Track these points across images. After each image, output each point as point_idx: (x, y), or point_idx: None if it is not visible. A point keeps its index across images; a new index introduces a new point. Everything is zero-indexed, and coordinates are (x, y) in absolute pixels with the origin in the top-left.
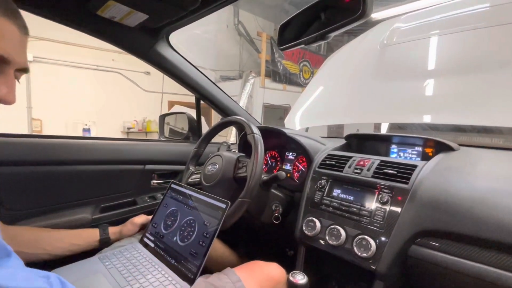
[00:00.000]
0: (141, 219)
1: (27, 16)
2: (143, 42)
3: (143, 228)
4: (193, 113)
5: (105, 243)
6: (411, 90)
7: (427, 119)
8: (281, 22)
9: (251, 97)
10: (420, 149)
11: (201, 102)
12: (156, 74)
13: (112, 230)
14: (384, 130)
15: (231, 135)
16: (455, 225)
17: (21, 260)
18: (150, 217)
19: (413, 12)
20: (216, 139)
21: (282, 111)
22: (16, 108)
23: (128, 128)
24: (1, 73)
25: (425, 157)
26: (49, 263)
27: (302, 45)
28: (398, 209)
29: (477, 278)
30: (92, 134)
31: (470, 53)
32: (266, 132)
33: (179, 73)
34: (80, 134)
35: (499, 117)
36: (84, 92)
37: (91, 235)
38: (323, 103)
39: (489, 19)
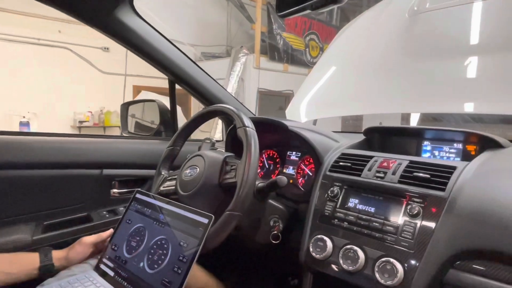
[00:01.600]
0: (93, 238)
1: None
2: (99, 6)
3: (98, 251)
4: (166, 101)
5: (47, 271)
6: (448, 71)
7: (469, 108)
8: None
9: (242, 80)
10: (460, 146)
11: (177, 86)
12: (117, 50)
13: (57, 255)
14: (414, 122)
15: (216, 129)
16: (506, 244)
17: None
18: (108, 235)
19: None
20: (197, 135)
21: (282, 99)
22: None
23: (81, 122)
24: None
25: (467, 157)
26: None
27: (308, 11)
28: (432, 224)
29: None
30: (32, 130)
31: None
32: (262, 125)
33: (147, 48)
34: (17, 129)
35: None
36: (21, 74)
37: (29, 261)
38: (335, 89)
39: None
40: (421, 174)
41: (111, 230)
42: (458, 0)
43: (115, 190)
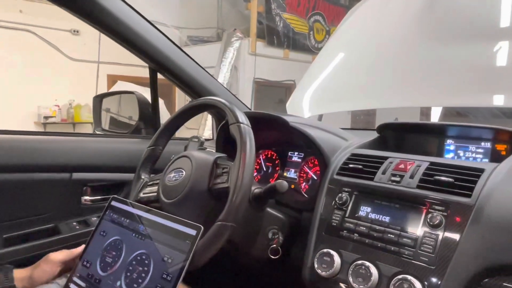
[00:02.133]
0: (62, 254)
1: None
2: None
3: (67, 269)
4: (146, 93)
5: None
6: (476, 58)
7: (499, 100)
8: None
9: (235, 69)
10: (488, 145)
11: (159, 76)
12: (89, 33)
13: (19, 275)
14: (435, 118)
15: (205, 126)
16: None
17: None
18: (79, 250)
19: None
20: (183, 133)
21: (283, 91)
22: None
23: (46, 118)
24: None
25: (497, 158)
26: None
27: None
28: (457, 236)
29: None
30: None
31: None
32: (259, 122)
33: (124, 31)
34: None
35: None
36: None
37: None
38: (344, 79)
39: None
40: (443, 178)
41: (83, 246)
42: None
43: (86, 198)
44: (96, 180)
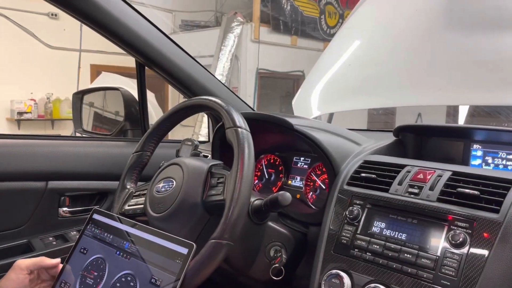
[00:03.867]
0: (31, 261)
1: None
2: None
3: (39, 281)
4: (132, 89)
5: None
6: (508, 50)
7: None
8: None
9: (236, 58)
10: None
11: (147, 70)
12: (70, 18)
13: None
14: (461, 120)
15: (201, 123)
16: None
17: None
18: (52, 263)
19: None
20: (177, 131)
21: (290, 83)
22: None
23: (20, 114)
24: None
25: None
26: None
27: None
28: (483, 256)
29: None
30: None
31: None
32: (260, 124)
33: (107, 19)
34: None
35: None
36: None
37: None
38: (359, 71)
39: None
40: (467, 190)
41: (57, 260)
42: None
43: (65, 209)
44: (75, 189)
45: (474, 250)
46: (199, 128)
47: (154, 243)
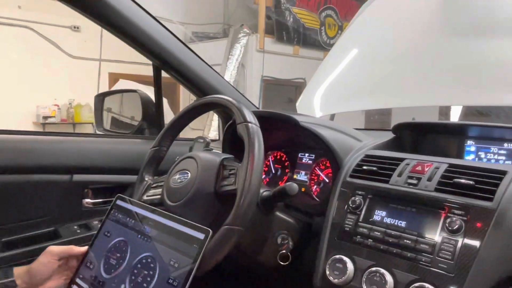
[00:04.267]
0: (62, 248)
1: None
2: None
3: (67, 267)
4: (150, 92)
5: None
6: (498, 53)
7: None
8: None
9: (242, 66)
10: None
11: (163, 74)
12: (90, 29)
13: (18, 271)
14: (455, 117)
15: (210, 127)
16: None
17: None
18: (80, 249)
19: None
20: (187, 134)
21: (292, 89)
22: None
23: (45, 118)
24: None
25: None
26: None
27: None
28: (477, 242)
29: None
30: None
31: None
32: (268, 121)
33: (127, 26)
34: None
35: None
36: None
37: None
38: (357, 76)
39: None
40: (463, 181)
41: (86, 248)
42: None
43: (88, 200)
44: (97, 182)
45: (469, 236)
46: (208, 131)
47: (173, 228)
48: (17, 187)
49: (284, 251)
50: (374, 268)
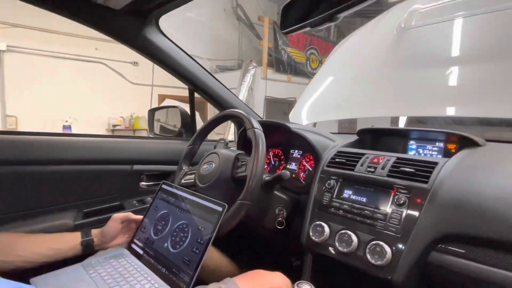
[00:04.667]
0: (122, 215)
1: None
2: (130, 26)
3: (127, 228)
4: (186, 107)
5: (87, 246)
6: (432, 80)
7: (450, 111)
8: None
9: (251, 89)
10: (441, 145)
11: (195, 95)
12: (145, 64)
13: (95, 232)
14: (402, 124)
15: (229, 132)
16: (480, 229)
17: None
18: (135, 217)
19: None
20: (212, 136)
21: (286, 106)
22: None
23: (114, 126)
24: None
25: (448, 154)
26: (27, 273)
27: (308, 28)
28: (417, 212)
29: (502, 287)
30: (73, 132)
31: (500, 37)
32: (269, 127)
33: (171, 62)
34: (60, 131)
35: None
36: (64, 85)
37: (73, 239)
38: (333, 96)
39: None
40: (407, 169)
41: (140, 216)
42: (439, 19)
43: (143, 183)
44: (149, 170)
45: (411, 208)
46: (227, 134)
47: (200, 203)
48: (96, 174)
49: (280, 218)
50: (343, 231)
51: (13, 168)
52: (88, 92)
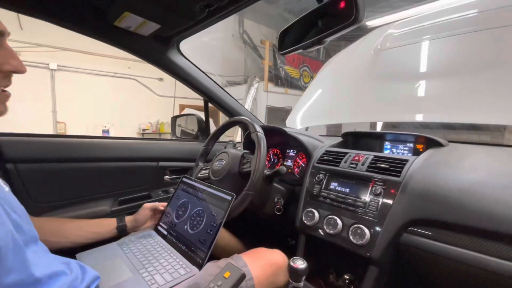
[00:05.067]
0: (151, 204)
1: (52, 27)
2: (156, 49)
3: (154, 215)
4: (202, 115)
5: (122, 230)
6: (403, 91)
7: (419, 117)
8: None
9: (255, 100)
10: (411, 145)
11: (209, 104)
12: (168, 80)
13: (128, 218)
14: (379, 128)
15: (236, 134)
16: (443, 214)
17: (45, 247)
18: (160, 204)
19: (405, 19)
20: (223, 138)
21: (284, 113)
22: (43, 112)
23: (143, 130)
24: (1, 47)
25: (416, 153)
26: (72, 251)
27: (301, 50)
28: (391, 201)
29: (460, 262)
30: (111, 135)
31: (458, 56)
32: (269, 131)
33: (189, 78)
34: (100, 135)
35: (485, 115)
36: (103, 97)
37: (110, 224)
38: (322, 105)
39: (476, 24)
40: (382, 165)
41: (165, 203)
42: (409, 41)
43: (167, 177)
44: (172, 166)
45: (386, 197)
46: (236, 136)
47: (213, 193)
48: (128, 169)
49: (278, 206)
50: (330, 216)
51: (63, 165)
52: (123, 103)
